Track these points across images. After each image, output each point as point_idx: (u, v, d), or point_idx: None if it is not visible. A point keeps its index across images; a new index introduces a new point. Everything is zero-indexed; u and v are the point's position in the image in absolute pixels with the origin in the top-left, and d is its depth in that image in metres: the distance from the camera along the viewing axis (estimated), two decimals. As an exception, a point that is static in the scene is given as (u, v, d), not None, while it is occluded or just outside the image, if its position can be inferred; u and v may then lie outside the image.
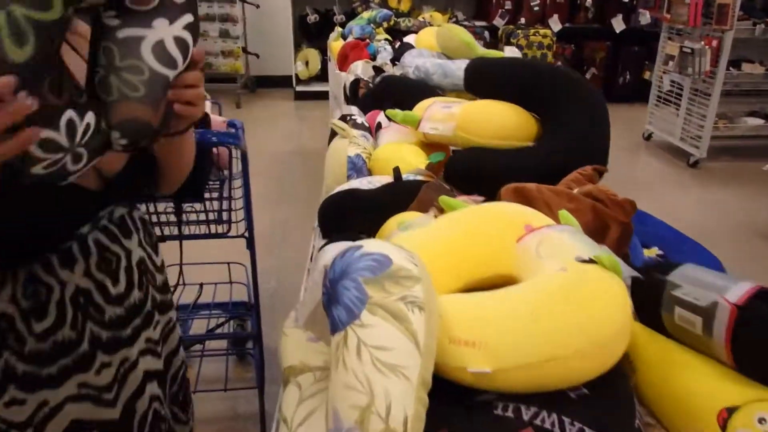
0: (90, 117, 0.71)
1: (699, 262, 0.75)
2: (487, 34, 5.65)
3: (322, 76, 6.13)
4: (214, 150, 1.62)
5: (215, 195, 1.77)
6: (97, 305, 0.91)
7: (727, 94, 4.82)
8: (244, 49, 6.30)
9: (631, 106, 6.16)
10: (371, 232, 1.15)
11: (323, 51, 6.09)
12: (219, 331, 2.26)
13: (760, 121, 5.01)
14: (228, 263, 2.25)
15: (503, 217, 0.84)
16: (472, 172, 1.18)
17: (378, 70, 2.55)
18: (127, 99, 0.73)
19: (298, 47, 6.36)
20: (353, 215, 1.19)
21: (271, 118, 5.83)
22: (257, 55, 6.53)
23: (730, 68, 4.62)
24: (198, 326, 2.28)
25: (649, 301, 0.74)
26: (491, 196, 1.07)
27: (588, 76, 6.21)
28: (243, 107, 6.05)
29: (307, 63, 6.29)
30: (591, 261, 0.70)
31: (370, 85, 2.43)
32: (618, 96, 6.29)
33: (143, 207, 1.70)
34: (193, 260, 1.82)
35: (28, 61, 0.61)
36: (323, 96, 5.94)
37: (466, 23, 5.81)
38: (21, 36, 0.59)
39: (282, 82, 6.55)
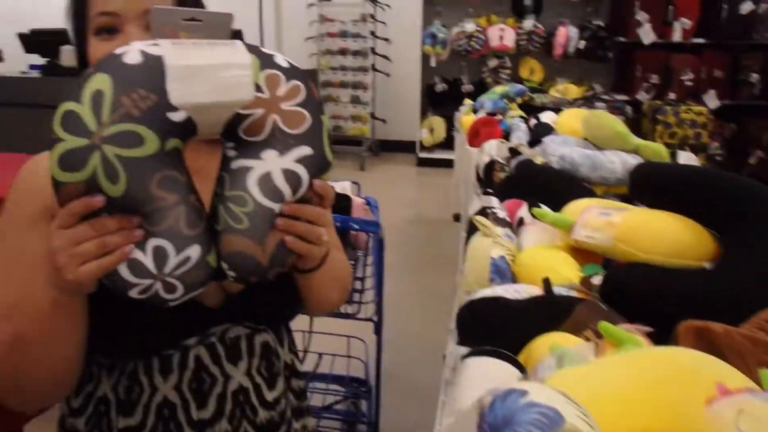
0: (194, 250, 0.70)
1: None
2: (629, 109, 5.32)
3: (446, 143, 6.17)
4: (351, 230, 1.63)
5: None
6: (178, 422, 0.87)
7: None
8: (372, 115, 6.49)
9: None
10: (517, 347, 1.07)
11: (448, 119, 6.14)
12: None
13: None
14: (348, 337, 2.24)
15: (688, 369, 0.73)
16: (633, 292, 1.07)
17: (514, 152, 2.50)
18: (232, 231, 0.72)
19: (424, 114, 6.46)
20: (498, 326, 1.11)
21: (392, 182, 5.91)
22: (384, 121, 6.70)
23: None
24: (314, 401, 2.26)
25: None
26: (653, 322, 0.97)
27: (752, 161, 5.45)
28: (366, 169, 6.19)
29: (431, 130, 6.36)
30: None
31: (506, 168, 2.38)
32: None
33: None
34: (314, 328, 1.81)
35: (125, 195, 0.65)
36: (446, 164, 5.97)
37: (605, 96, 5.61)
38: (114, 174, 0.64)
39: (406, 147, 6.66)
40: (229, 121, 0.72)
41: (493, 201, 1.71)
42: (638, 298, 1.07)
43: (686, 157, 1.85)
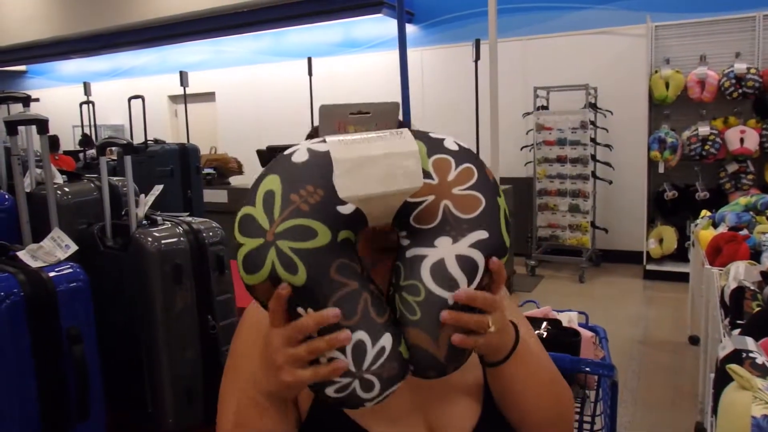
0: (387, 340, 0.68)
1: None
2: None
3: (677, 255, 5.63)
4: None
5: (575, 416, 1.57)
6: None
7: None
8: (592, 224, 6.19)
9: None
10: None
11: (680, 229, 5.63)
12: None
13: None
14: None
15: None
16: None
17: (767, 276, 2.15)
18: (407, 323, 0.70)
19: (651, 223, 6.00)
20: None
21: (616, 296, 5.47)
22: (606, 230, 6.35)
23: None
24: None
25: None
26: None
27: None
28: (586, 281, 5.84)
29: (660, 241, 5.86)
30: None
31: (758, 295, 2.04)
32: None
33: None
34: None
35: (306, 283, 0.66)
36: (677, 278, 5.41)
37: None
38: (291, 264, 0.65)
39: (630, 257, 6.21)
40: (399, 210, 0.71)
41: (749, 343, 1.44)
42: None
43: None
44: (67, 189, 2.30)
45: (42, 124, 2.10)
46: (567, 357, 1.34)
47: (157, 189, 2.34)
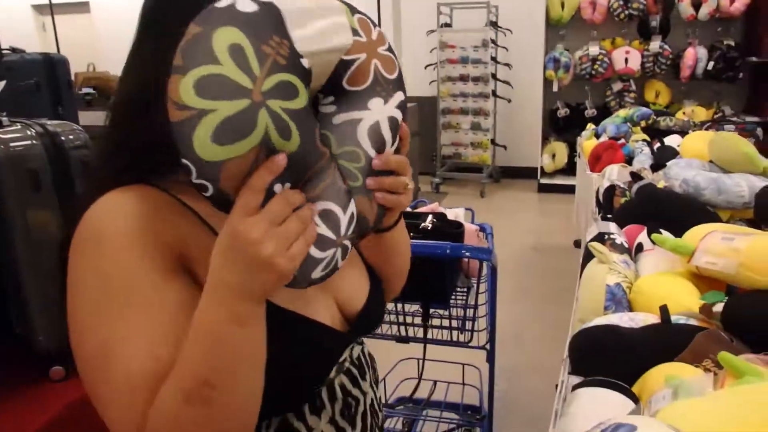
0: (352, 206, 0.67)
1: None
2: (759, 131, 5.07)
3: (568, 169, 6.03)
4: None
5: (461, 302, 1.77)
6: None
7: None
8: (493, 141, 6.47)
9: None
10: (631, 377, 1.04)
11: (571, 145, 6.00)
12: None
13: None
14: (463, 365, 2.23)
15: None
16: (759, 321, 1.02)
17: (635, 176, 2.41)
18: (350, 189, 0.67)
19: (545, 140, 6.36)
20: (612, 356, 1.09)
21: (513, 209, 5.84)
22: (504, 147, 6.66)
23: None
24: (428, 428, 2.27)
25: None
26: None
27: None
28: (486, 196, 6.16)
29: (553, 156, 6.24)
30: None
31: (627, 193, 2.30)
32: None
33: (391, 306, 1.79)
34: (429, 355, 1.83)
35: (298, 151, 0.59)
36: (568, 190, 5.81)
37: (734, 118, 5.31)
38: (286, 129, 0.57)
39: (526, 173, 6.57)
40: (333, 71, 0.66)
41: (612, 227, 1.67)
42: (763, 326, 1.01)
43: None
44: None
45: None
46: (450, 244, 1.50)
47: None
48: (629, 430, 0.62)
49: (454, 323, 1.75)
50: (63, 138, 1.78)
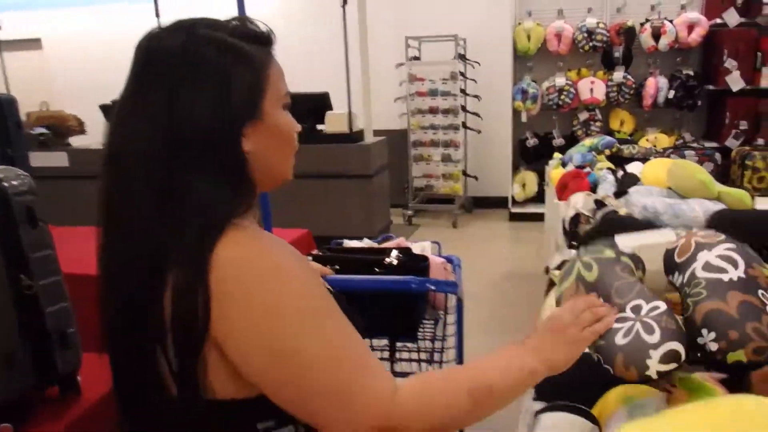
0: (661, 304, 0.93)
1: None
2: (718, 156, 5.26)
3: (538, 197, 6.11)
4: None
5: (429, 335, 1.77)
6: None
7: None
8: (464, 172, 6.54)
9: None
10: (591, 399, 1.05)
11: (540, 174, 6.09)
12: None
13: None
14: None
15: (759, 417, 0.71)
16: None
17: (600, 204, 2.45)
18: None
19: (516, 170, 6.44)
20: (572, 379, 1.10)
21: (485, 238, 5.88)
22: (476, 178, 6.73)
23: None
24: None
25: None
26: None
27: (844, 202, 5.29)
28: (459, 227, 6.20)
29: (524, 185, 6.32)
30: None
31: (591, 220, 2.34)
32: None
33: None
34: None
35: (597, 280, 1.01)
36: (539, 218, 5.87)
37: (694, 144, 5.46)
38: (588, 266, 1.04)
39: (498, 203, 6.64)
40: None
41: (573, 254, 1.68)
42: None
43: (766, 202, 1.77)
44: None
45: None
46: (413, 279, 1.51)
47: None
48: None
49: (423, 355, 1.75)
50: (6, 184, 1.69)
